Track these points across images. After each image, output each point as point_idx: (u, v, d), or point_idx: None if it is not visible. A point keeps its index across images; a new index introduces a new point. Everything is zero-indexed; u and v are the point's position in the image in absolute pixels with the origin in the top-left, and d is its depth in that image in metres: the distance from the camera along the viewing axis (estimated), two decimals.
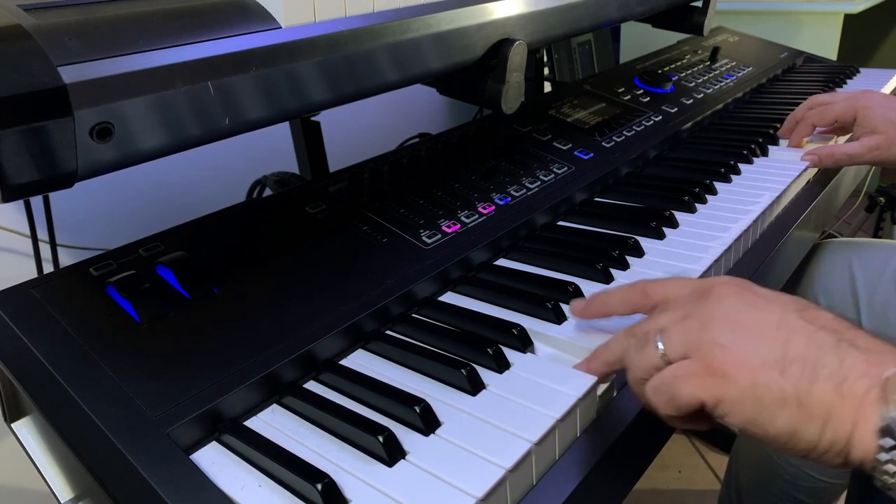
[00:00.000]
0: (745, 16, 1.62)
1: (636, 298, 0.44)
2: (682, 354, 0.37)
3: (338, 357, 0.48)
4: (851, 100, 0.78)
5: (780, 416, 0.33)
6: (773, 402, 0.33)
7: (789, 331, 0.35)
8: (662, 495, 1.29)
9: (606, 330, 0.48)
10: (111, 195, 0.96)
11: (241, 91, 0.44)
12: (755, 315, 0.36)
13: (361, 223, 0.59)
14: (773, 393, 0.33)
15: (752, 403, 0.34)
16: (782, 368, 0.34)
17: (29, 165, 0.36)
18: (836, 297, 0.82)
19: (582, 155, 0.76)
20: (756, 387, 0.34)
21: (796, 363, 0.34)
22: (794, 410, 0.33)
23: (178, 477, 0.37)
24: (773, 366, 0.34)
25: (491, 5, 0.59)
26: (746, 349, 0.35)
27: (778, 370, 0.34)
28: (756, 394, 0.34)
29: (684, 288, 0.41)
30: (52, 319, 0.45)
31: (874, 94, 0.77)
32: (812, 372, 0.33)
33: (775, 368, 0.34)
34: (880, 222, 1.57)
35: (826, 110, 0.80)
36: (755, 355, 0.35)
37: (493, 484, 0.36)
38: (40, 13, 0.39)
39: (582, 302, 0.48)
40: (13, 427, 0.47)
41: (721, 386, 0.35)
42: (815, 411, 0.33)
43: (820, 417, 0.33)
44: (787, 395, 0.33)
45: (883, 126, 0.73)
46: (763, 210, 0.67)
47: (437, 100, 1.45)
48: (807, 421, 0.33)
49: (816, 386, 0.33)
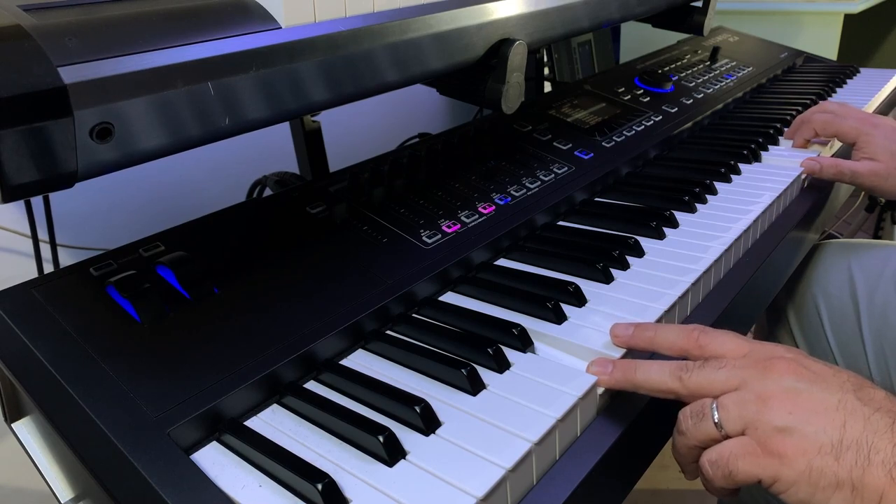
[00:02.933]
0: (745, 16, 1.62)
1: (687, 346, 0.43)
2: (739, 430, 0.38)
3: (338, 357, 0.48)
4: (859, 122, 0.77)
5: (833, 499, 0.35)
6: (828, 486, 0.35)
7: (846, 413, 0.36)
8: (662, 495, 1.29)
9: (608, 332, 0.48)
10: (111, 195, 0.96)
11: (241, 91, 0.44)
12: (813, 395, 0.37)
13: (361, 223, 0.59)
14: (828, 478, 0.35)
15: (807, 486, 0.35)
16: (838, 454, 0.35)
17: (29, 165, 0.36)
18: (836, 299, 0.82)
19: (582, 155, 0.76)
20: (812, 471, 0.35)
21: (852, 449, 0.35)
22: (848, 494, 0.34)
23: (179, 477, 0.37)
24: (830, 451, 0.35)
25: (491, 5, 0.59)
26: (804, 433, 0.36)
27: (834, 456, 0.35)
28: (811, 478, 0.35)
29: (741, 347, 0.42)
30: (52, 319, 0.45)
31: (883, 120, 0.76)
32: (866, 458, 0.34)
33: (831, 454, 0.35)
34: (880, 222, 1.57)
35: (832, 122, 0.79)
36: (813, 440, 0.36)
37: (494, 484, 0.36)
38: (40, 13, 0.39)
39: (627, 330, 0.47)
40: (13, 427, 0.47)
41: (778, 467, 0.36)
42: (868, 496, 0.34)
43: (872, 502, 0.34)
44: (841, 480, 0.34)
45: (883, 156, 0.73)
46: (763, 210, 0.67)
47: (437, 100, 1.45)
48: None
49: (869, 471, 0.34)
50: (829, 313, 0.82)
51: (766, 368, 0.39)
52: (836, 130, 0.79)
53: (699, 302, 0.56)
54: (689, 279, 0.55)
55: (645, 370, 0.43)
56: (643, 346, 0.46)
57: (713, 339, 0.43)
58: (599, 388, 0.44)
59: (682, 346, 0.44)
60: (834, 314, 0.82)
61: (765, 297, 0.70)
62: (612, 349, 0.47)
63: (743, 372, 0.39)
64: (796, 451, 0.36)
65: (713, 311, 0.56)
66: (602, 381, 0.44)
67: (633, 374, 0.43)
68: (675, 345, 0.44)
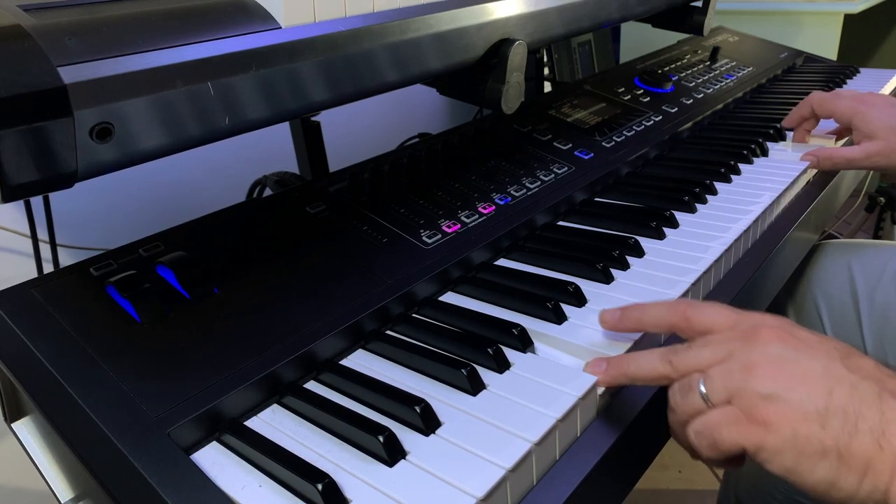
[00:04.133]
0: (745, 16, 1.62)
1: (675, 321, 0.43)
2: (724, 399, 0.37)
3: (338, 357, 0.48)
4: (854, 100, 0.77)
5: (819, 467, 0.34)
6: (814, 454, 0.34)
7: (833, 381, 0.35)
8: (662, 495, 1.29)
9: (609, 334, 0.48)
10: (111, 195, 0.96)
11: (241, 91, 0.44)
12: (799, 363, 0.37)
13: (361, 223, 0.59)
14: (814, 445, 0.34)
15: (792, 453, 0.35)
16: (824, 421, 0.34)
17: (29, 165, 0.36)
18: (836, 299, 0.82)
19: (582, 155, 0.76)
20: (797, 438, 0.34)
21: (838, 416, 0.34)
22: (834, 462, 0.34)
23: (179, 477, 0.37)
24: (815, 418, 0.34)
25: (491, 5, 0.59)
26: (789, 400, 0.35)
27: (820, 423, 0.34)
28: (797, 445, 0.34)
29: (727, 319, 0.41)
30: (52, 319, 0.45)
31: (878, 98, 0.76)
32: (853, 425, 0.34)
33: (817, 421, 0.34)
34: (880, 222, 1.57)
35: (828, 100, 0.80)
36: (798, 407, 0.35)
37: (494, 484, 0.36)
38: (40, 13, 0.39)
39: (614, 314, 0.47)
40: (13, 427, 0.47)
41: (762, 434, 0.35)
42: (855, 463, 0.33)
43: (859, 469, 0.33)
44: (827, 448, 0.34)
45: (882, 132, 0.72)
46: (763, 210, 0.67)
47: (437, 100, 1.45)
48: (846, 472, 0.34)
49: (856, 439, 0.34)
50: (829, 313, 0.82)
51: (752, 337, 0.38)
52: (832, 109, 0.79)
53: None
54: (689, 279, 0.55)
55: (636, 361, 0.43)
56: (632, 326, 0.46)
57: (700, 311, 0.43)
58: (599, 389, 0.44)
59: (669, 321, 0.43)
60: (834, 314, 0.82)
61: (765, 297, 0.70)
62: (613, 349, 0.47)
63: (729, 344, 0.39)
64: (781, 419, 0.35)
65: None
66: (599, 380, 0.44)
67: (625, 367, 0.43)
68: (663, 321, 0.44)
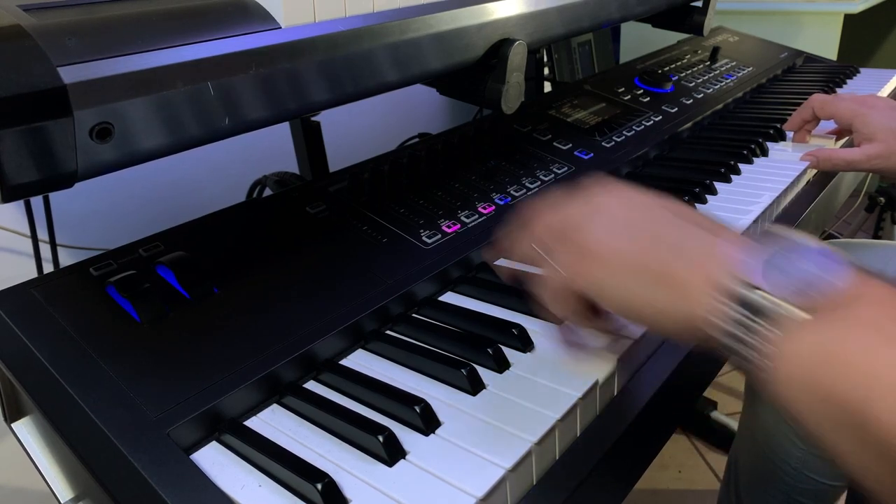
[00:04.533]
0: (745, 16, 1.62)
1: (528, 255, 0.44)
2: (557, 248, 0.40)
3: (338, 357, 0.48)
4: (854, 102, 0.77)
5: (648, 293, 0.36)
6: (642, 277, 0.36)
7: (661, 223, 0.38)
8: (662, 495, 1.29)
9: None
10: (111, 195, 0.96)
11: (241, 91, 0.44)
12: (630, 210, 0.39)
13: (361, 223, 0.59)
14: (640, 267, 0.36)
15: (623, 279, 0.37)
16: (650, 248, 0.37)
17: (29, 165, 0.36)
18: None
19: (582, 155, 0.76)
20: (625, 263, 0.37)
21: (664, 244, 0.37)
22: (662, 288, 0.36)
23: (178, 477, 0.37)
24: (642, 244, 0.37)
25: (491, 5, 0.59)
26: (617, 234, 0.38)
27: (647, 248, 0.37)
28: (626, 270, 0.37)
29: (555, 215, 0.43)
30: (52, 319, 0.45)
31: (879, 100, 0.76)
32: (678, 250, 0.36)
33: (643, 247, 0.37)
34: (880, 222, 1.56)
35: (829, 102, 0.80)
36: (624, 236, 0.38)
37: (494, 484, 0.36)
38: (40, 13, 0.39)
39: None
40: (13, 427, 0.47)
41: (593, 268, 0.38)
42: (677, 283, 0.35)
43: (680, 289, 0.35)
44: (653, 270, 0.36)
45: (882, 135, 0.73)
46: (763, 210, 0.67)
47: (437, 100, 1.45)
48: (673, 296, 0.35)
49: (681, 261, 0.36)
50: None
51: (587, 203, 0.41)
52: (833, 111, 0.79)
53: None
54: None
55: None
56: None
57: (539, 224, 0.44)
58: (599, 388, 0.44)
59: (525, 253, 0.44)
60: None
61: None
62: (613, 346, 0.47)
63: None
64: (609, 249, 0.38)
65: None
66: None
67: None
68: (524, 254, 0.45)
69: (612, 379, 0.45)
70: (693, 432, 1.42)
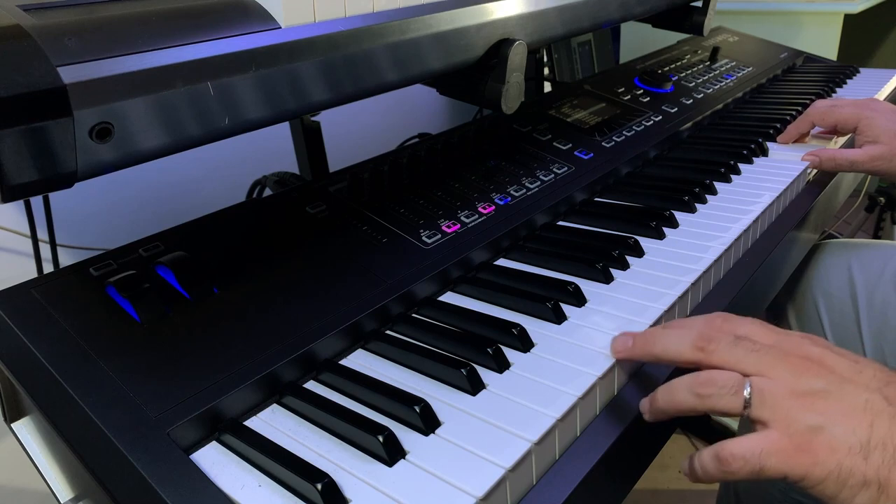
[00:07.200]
0: (745, 16, 1.62)
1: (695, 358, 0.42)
2: (763, 419, 0.38)
3: (338, 357, 0.48)
4: (857, 107, 0.77)
5: (859, 496, 0.36)
6: (856, 484, 0.36)
7: (873, 414, 0.37)
8: (662, 495, 1.29)
9: (609, 334, 0.48)
10: (111, 195, 0.96)
11: (241, 91, 0.44)
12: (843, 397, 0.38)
13: (361, 223, 0.59)
14: (857, 477, 0.36)
15: (835, 484, 0.36)
16: (866, 454, 0.36)
17: (29, 165, 0.36)
18: (836, 298, 0.82)
19: (582, 155, 0.76)
20: (841, 470, 0.36)
21: (878, 448, 0.36)
22: (874, 492, 0.36)
23: (178, 477, 0.37)
24: (859, 451, 0.36)
25: (491, 5, 0.59)
26: (835, 433, 0.37)
27: (862, 456, 0.36)
28: (840, 477, 0.36)
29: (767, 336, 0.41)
30: (52, 319, 0.45)
31: (879, 104, 0.77)
32: (892, 457, 0.36)
33: (860, 454, 0.36)
34: (880, 222, 1.56)
35: (830, 112, 0.80)
36: (843, 440, 0.36)
37: (494, 483, 0.36)
38: (40, 13, 0.39)
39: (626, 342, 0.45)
40: (13, 427, 0.47)
41: (809, 466, 0.37)
42: (892, 493, 0.35)
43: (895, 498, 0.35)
44: (868, 479, 0.36)
45: (885, 137, 0.73)
46: (763, 210, 0.67)
47: (437, 100, 1.45)
48: (884, 501, 0.35)
49: (895, 470, 0.35)
50: (828, 313, 0.82)
51: (798, 367, 0.39)
52: (836, 118, 0.79)
53: (699, 302, 0.56)
54: (689, 279, 0.55)
55: (663, 341, 0.43)
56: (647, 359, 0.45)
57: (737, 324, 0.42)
58: (599, 388, 0.44)
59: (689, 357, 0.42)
60: (834, 314, 0.82)
61: (765, 297, 0.70)
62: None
63: (774, 361, 0.39)
64: (827, 451, 0.36)
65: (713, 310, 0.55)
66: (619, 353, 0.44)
67: (651, 346, 0.43)
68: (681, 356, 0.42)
69: (612, 379, 0.46)
70: (693, 432, 1.42)
